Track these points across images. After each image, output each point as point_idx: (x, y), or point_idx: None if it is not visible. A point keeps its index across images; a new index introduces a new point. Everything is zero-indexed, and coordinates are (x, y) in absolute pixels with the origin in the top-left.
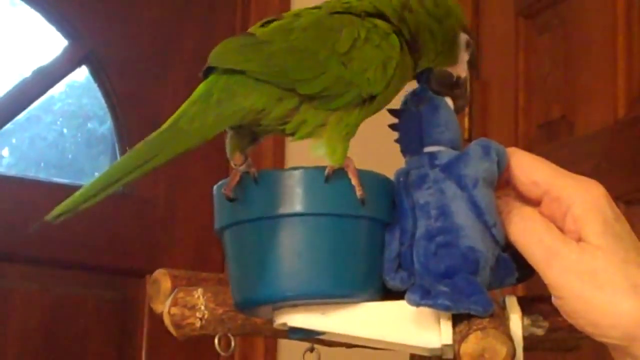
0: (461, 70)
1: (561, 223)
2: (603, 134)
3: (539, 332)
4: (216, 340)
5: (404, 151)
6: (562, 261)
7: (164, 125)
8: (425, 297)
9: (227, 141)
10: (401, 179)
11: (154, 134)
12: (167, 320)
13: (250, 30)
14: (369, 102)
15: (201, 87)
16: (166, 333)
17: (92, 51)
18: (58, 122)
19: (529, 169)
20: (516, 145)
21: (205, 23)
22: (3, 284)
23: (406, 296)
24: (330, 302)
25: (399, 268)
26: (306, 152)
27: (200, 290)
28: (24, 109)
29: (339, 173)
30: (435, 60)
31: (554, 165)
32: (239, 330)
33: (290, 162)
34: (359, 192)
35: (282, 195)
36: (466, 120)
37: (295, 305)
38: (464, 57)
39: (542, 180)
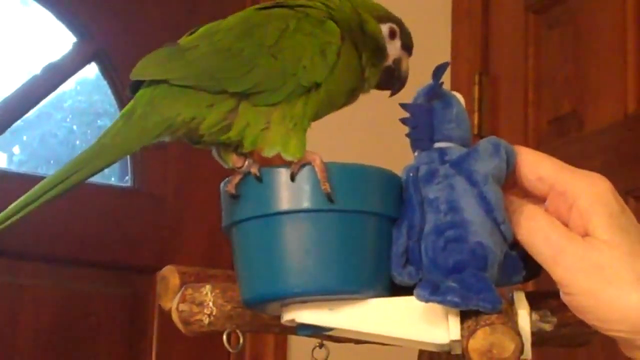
0: (391, 60)
1: (567, 218)
2: (613, 129)
3: (548, 327)
4: (225, 337)
5: (414, 146)
6: (569, 257)
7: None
8: (434, 292)
9: (213, 153)
10: (411, 174)
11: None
12: (175, 317)
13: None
14: (315, 91)
15: (129, 104)
16: (177, 329)
17: (101, 48)
18: (68, 119)
19: (534, 165)
20: (526, 140)
21: (214, 21)
22: (14, 281)
23: (415, 291)
24: (338, 298)
25: (406, 263)
26: (312, 148)
27: (208, 287)
28: (34, 106)
29: (338, 169)
30: (371, 57)
31: (558, 161)
32: (248, 327)
33: None
34: (324, 187)
35: (288, 192)
36: (476, 115)
37: (303, 302)
38: (393, 46)
39: (547, 176)
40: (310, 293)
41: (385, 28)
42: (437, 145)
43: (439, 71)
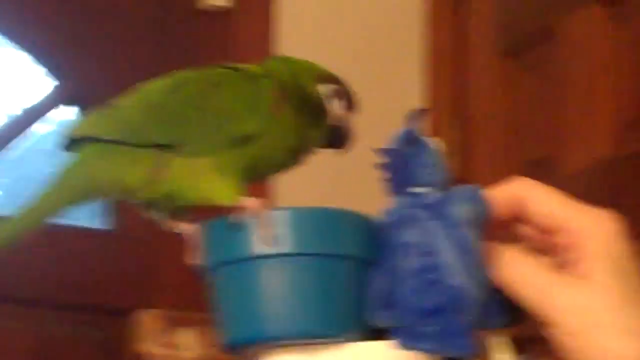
0: (333, 120)
1: (566, 254)
2: (587, 173)
3: None
4: None
5: (391, 191)
6: (557, 299)
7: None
8: (408, 339)
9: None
10: (388, 218)
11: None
12: None
13: None
14: (248, 144)
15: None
16: None
17: (81, 90)
18: (48, 163)
19: (545, 200)
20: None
21: (195, 64)
22: None
23: (391, 339)
24: (317, 342)
25: (386, 306)
26: (292, 194)
27: (187, 331)
28: (13, 148)
29: (310, 213)
30: (313, 118)
31: (567, 197)
32: None
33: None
34: (262, 232)
35: (264, 235)
36: (452, 159)
37: (282, 346)
38: (334, 106)
39: (557, 211)
40: (288, 337)
41: (324, 88)
42: (414, 190)
43: (413, 116)
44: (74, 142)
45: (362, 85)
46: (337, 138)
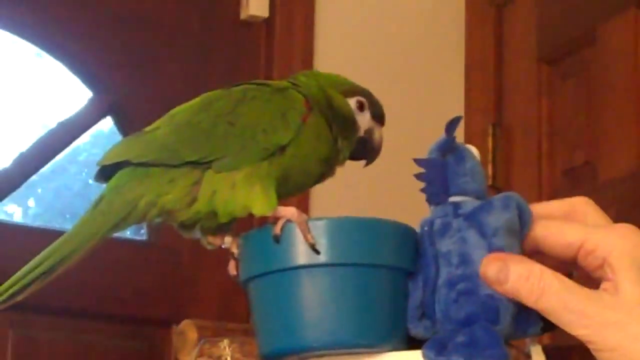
0: (362, 131)
1: (599, 274)
2: (627, 179)
3: None
4: None
5: (429, 200)
6: (591, 319)
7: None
8: (440, 352)
9: (186, 235)
10: (425, 228)
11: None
12: None
13: None
14: (281, 154)
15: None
16: None
17: (116, 102)
18: (83, 173)
19: (559, 233)
20: (540, 191)
21: (229, 75)
22: (30, 334)
23: (422, 351)
24: (355, 352)
25: (422, 316)
26: (328, 203)
27: (226, 341)
28: (49, 160)
29: (353, 223)
30: (342, 130)
31: (580, 222)
32: None
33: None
34: (306, 239)
35: (304, 246)
36: (490, 167)
37: (321, 356)
38: (363, 118)
39: (574, 240)
40: (326, 347)
41: (352, 102)
42: (452, 199)
43: (451, 125)
44: (107, 171)
45: (401, 93)
46: (365, 150)
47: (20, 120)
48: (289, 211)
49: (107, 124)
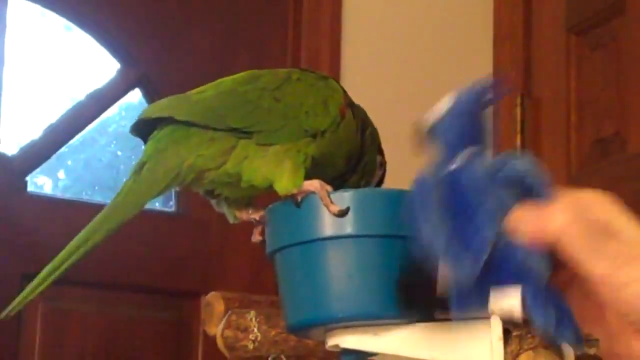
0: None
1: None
2: None
3: (592, 351)
4: None
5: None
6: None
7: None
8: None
9: (224, 210)
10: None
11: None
12: (220, 343)
13: None
14: (318, 139)
15: (138, 160)
16: (221, 355)
17: (145, 74)
18: (112, 145)
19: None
20: (569, 161)
21: (257, 47)
22: (61, 306)
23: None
24: (382, 323)
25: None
26: None
27: (253, 313)
28: (79, 131)
29: (382, 194)
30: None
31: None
32: (292, 352)
33: None
34: (330, 210)
35: (330, 217)
36: (518, 137)
37: (347, 327)
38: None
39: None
40: (353, 318)
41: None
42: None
43: (489, 82)
44: (144, 125)
45: (429, 64)
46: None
47: (50, 92)
48: (312, 184)
49: (135, 95)
